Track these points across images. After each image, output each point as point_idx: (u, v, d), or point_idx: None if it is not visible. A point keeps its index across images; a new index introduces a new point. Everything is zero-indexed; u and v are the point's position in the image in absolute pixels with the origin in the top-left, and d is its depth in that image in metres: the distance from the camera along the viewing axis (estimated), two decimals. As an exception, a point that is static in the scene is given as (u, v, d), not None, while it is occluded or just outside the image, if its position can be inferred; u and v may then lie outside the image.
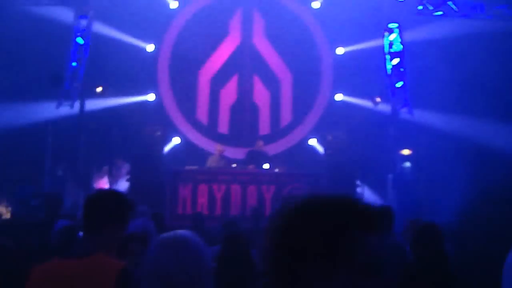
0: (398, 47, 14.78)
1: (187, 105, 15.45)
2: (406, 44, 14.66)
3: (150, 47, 15.18)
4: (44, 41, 12.95)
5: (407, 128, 14.37)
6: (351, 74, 14.64)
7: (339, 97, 15.31)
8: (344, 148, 13.78)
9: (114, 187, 12.58)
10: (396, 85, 14.76)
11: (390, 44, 14.86)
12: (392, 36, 14.84)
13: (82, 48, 14.20)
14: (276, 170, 13.17)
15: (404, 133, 14.46)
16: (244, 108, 15.53)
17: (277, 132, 15.44)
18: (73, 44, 14.11)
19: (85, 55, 14.24)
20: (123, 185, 12.82)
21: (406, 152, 14.41)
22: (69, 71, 14.00)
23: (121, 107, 14.46)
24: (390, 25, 14.84)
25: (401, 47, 14.75)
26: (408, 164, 14.31)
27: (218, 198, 12.16)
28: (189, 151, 14.82)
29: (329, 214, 1.31)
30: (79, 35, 14.13)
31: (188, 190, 12.17)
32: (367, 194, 13.51)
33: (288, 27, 15.29)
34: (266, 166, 12.95)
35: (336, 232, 1.28)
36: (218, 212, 11.98)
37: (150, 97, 15.16)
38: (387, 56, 14.89)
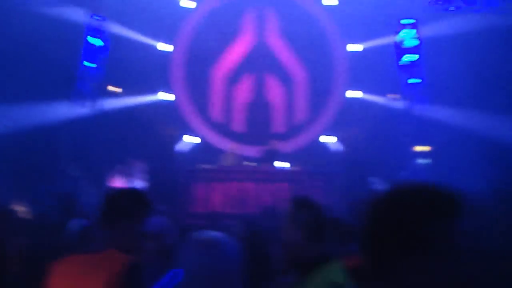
0: (413, 42, 14.67)
1: (202, 104, 15.47)
2: (421, 40, 14.55)
3: (164, 46, 15.21)
4: (57, 41, 12.99)
5: (423, 124, 14.25)
6: (366, 71, 14.56)
7: (353, 94, 15.23)
8: (360, 145, 13.70)
9: (128, 185, 12.59)
10: (411, 81, 14.66)
11: (405, 40, 14.75)
12: (407, 32, 14.73)
13: (96, 48, 14.24)
14: (291, 168, 13.12)
15: (419, 130, 14.34)
16: (259, 106, 15.52)
17: (292, 130, 15.40)
18: (86, 44, 14.15)
19: (101, 55, 14.28)
20: (137, 184, 12.84)
21: (421, 149, 14.28)
22: (82, 71, 14.05)
23: (135, 107, 14.51)
24: (405, 21, 14.73)
25: (417, 42, 14.65)
26: (424, 161, 14.19)
27: (233, 197, 12.14)
28: (203, 150, 14.82)
29: (417, 201, 1.42)
30: (91, 35, 14.16)
31: (203, 188, 12.17)
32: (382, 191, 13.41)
33: (301, 24, 15.24)
34: (281, 164, 12.90)
35: (424, 218, 1.38)
36: (233, 211, 11.95)
37: (165, 96, 15.18)
38: (402, 52, 14.78)
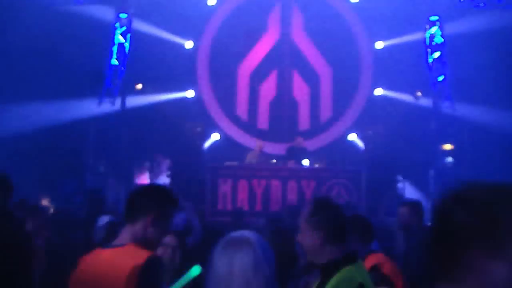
0: (439, 40, 14.56)
1: (227, 101, 15.49)
2: (447, 37, 14.43)
3: (189, 44, 15.28)
4: (85, 40, 13.15)
5: (449, 122, 14.14)
6: (392, 68, 14.48)
7: (379, 91, 15.15)
8: (385, 143, 13.64)
9: (155, 182, 12.69)
10: (437, 79, 14.55)
11: (431, 37, 14.65)
12: (433, 29, 14.62)
13: (123, 46, 14.39)
14: (316, 165, 13.11)
15: (446, 128, 14.23)
16: (284, 103, 15.50)
17: (317, 127, 15.36)
18: (113, 42, 14.29)
19: (126, 53, 14.42)
20: (163, 181, 12.93)
21: (448, 147, 14.18)
22: (110, 69, 14.21)
23: (161, 104, 14.61)
24: (431, 18, 14.62)
25: (442, 40, 14.53)
26: (450, 159, 14.09)
27: (258, 194, 12.14)
28: (229, 147, 14.86)
29: (490, 199, 1.41)
30: (119, 33, 14.31)
31: (228, 185, 12.19)
32: (408, 189, 13.34)
33: (327, 21, 15.17)
34: (306, 162, 12.90)
35: (498, 216, 1.37)
36: (258, 208, 11.97)
37: (190, 93, 15.26)
38: (428, 49, 14.68)
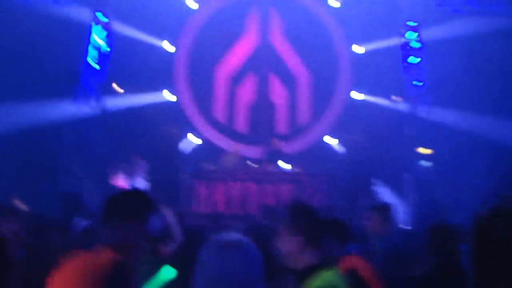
0: (416, 44, 14.67)
1: (205, 104, 15.45)
2: (424, 42, 14.54)
3: (168, 46, 15.21)
4: (62, 40, 13.03)
5: (426, 127, 14.24)
6: (369, 72, 14.56)
7: (356, 95, 15.22)
8: (362, 147, 13.71)
9: (131, 185, 12.60)
10: (414, 83, 14.65)
11: (409, 42, 14.75)
12: (411, 34, 14.73)
13: (101, 48, 14.26)
14: (294, 169, 13.13)
15: (423, 132, 14.34)
16: (262, 107, 15.50)
17: (295, 131, 15.39)
18: (89, 43, 14.15)
19: (105, 54, 14.29)
20: (139, 183, 12.85)
21: (425, 151, 14.28)
22: (85, 70, 14.06)
23: (138, 106, 14.52)
24: (409, 23, 14.72)
25: (420, 45, 14.65)
26: (427, 164, 14.18)
27: (235, 197, 12.14)
28: (207, 150, 14.82)
29: None
30: (95, 34, 14.17)
31: (205, 188, 12.18)
32: (384, 194, 13.40)
33: (305, 25, 15.20)
34: (284, 165, 12.91)
35: None
36: (235, 211, 11.97)
37: (168, 96, 15.19)
38: (408, 53, 14.77)
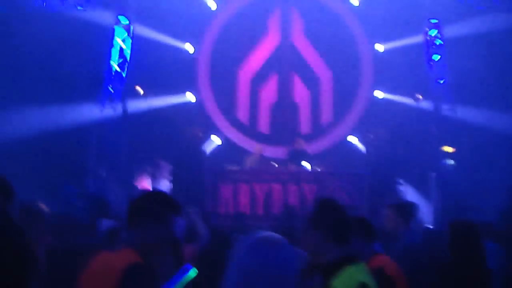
0: (439, 42, 14.54)
1: (228, 105, 15.51)
2: (447, 40, 14.41)
3: (190, 48, 15.28)
4: (85, 44, 13.17)
5: (450, 125, 14.12)
6: (392, 71, 14.47)
7: (379, 94, 15.14)
8: (386, 146, 13.62)
9: (156, 187, 12.68)
10: (438, 81, 14.54)
11: (432, 40, 14.62)
12: (433, 32, 14.61)
13: (124, 50, 14.37)
14: (318, 169, 13.10)
15: (446, 130, 14.21)
16: (285, 107, 15.51)
17: (318, 130, 15.36)
18: (111, 44, 14.26)
19: (128, 57, 14.39)
20: (165, 186, 12.93)
21: (448, 149, 14.15)
22: (109, 72, 14.18)
23: (162, 108, 14.61)
24: (431, 21, 14.60)
25: (442, 42, 14.51)
26: (451, 162, 14.06)
27: (259, 198, 12.16)
28: (230, 151, 14.86)
29: None
30: (118, 36, 14.29)
31: (229, 190, 12.21)
32: (409, 193, 13.31)
33: (327, 25, 15.17)
34: (307, 165, 12.89)
35: None
36: (260, 212, 12.00)
37: (191, 98, 15.27)
38: (429, 52, 14.65)
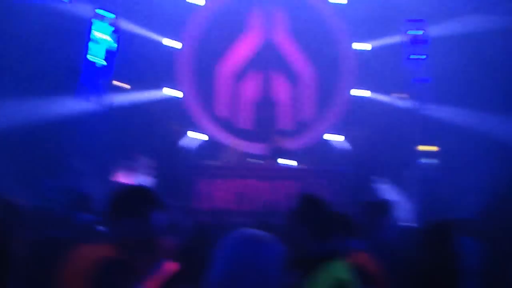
0: (421, 42, 14.60)
1: (208, 100, 15.46)
2: (429, 39, 14.47)
3: (171, 42, 15.19)
4: (63, 37, 13.01)
5: (430, 124, 14.18)
6: (374, 69, 14.52)
7: (360, 92, 15.16)
8: (366, 144, 13.67)
9: (134, 181, 12.59)
10: (418, 80, 14.59)
11: (413, 39, 14.68)
12: (415, 31, 14.66)
13: (103, 44, 14.22)
14: (296, 165, 13.09)
15: (427, 129, 14.28)
16: (265, 104, 15.50)
17: (298, 128, 15.37)
18: (89, 39, 14.11)
19: (106, 50, 14.26)
20: (144, 180, 12.84)
21: (429, 148, 14.22)
22: (85, 66, 14.04)
23: (141, 102, 14.51)
24: (412, 20, 14.65)
25: (424, 42, 14.57)
26: (431, 161, 14.13)
27: (238, 193, 12.12)
28: (208, 146, 14.82)
29: None
30: (96, 30, 14.14)
31: (206, 185, 12.16)
32: (389, 191, 13.36)
33: (309, 23, 15.22)
34: (286, 162, 12.88)
35: None
36: (238, 207, 11.95)
37: (170, 92, 15.18)
38: (410, 51, 14.71)
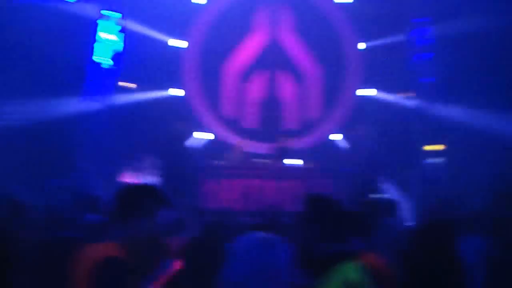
0: (427, 40, 14.58)
1: (214, 100, 15.46)
2: (435, 38, 14.45)
3: (176, 42, 15.21)
4: (70, 37, 13.05)
5: (436, 123, 14.17)
6: (380, 69, 14.50)
7: (366, 92, 15.16)
8: (371, 144, 13.64)
9: (140, 181, 12.62)
10: (424, 79, 14.58)
11: (419, 38, 14.66)
12: (421, 30, 14.64)
13: (108, 44, 14.27)
14: (302, 165, 13.10)
15: (432, 129, 14.27)
16: (271, 103, 15.50)
17: (304, 127, 15.37)
18: (95, 39, 14.17)
19: (112, 50, 14.30)
20: (148, 180, 12.86)
21: (434, 148, 14.21)
22: (91, 66, 14.10)
23: (147, 102, 14.54)
24: (418, 19, 14.63)
25: (431, 40, 14.55)
26: (436, 161, 14.12)
27: (244, 193, 12.12)
28: (215, 146, 14.82)
29: None
30: (102, 30, 14.20)
31: (213, 185, 12.17)
32: (393, 190, 13.35)
33: (315, 22, 15.21)
34: (292, 162, 12.89)
35: None
36: (244, 207, 11.94)
37: (176, 92, 15.20)
38: (416, 50, 14.69)
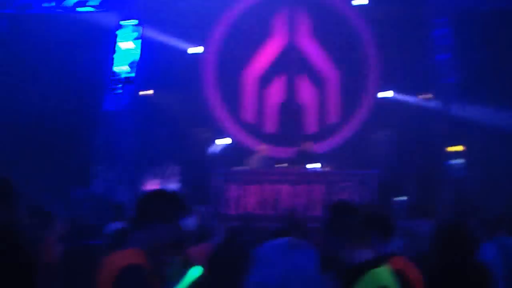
0: (447, 41, 14.47)
1: (234, 106, 15.48)
2: (456, 38, 14.33)
3: (196, 49, 15.26)
4: (91, 46, 13.18)
5: (459, 124, 14.04)
6: (399, 70, 14.42)
7: (387, 94, 15.06)
8: (394, 145, 13.57)
9: (163, 188, 12.65)
10: (446, 80, 14.47)
11: (440, 39, 14.56)
12: (441, 30, 14.54)
13: (129, 52, 14.38)
14: (324, 169, 13.04)
15: (455, 130, 14.13)
16: (291, 107, 15.47)
17: (325, 131, 15.31)
18: (115, 48, 14.28)
19: (132, 58, 14.41)
20: (171, 187, 12.90)
21: (458, 148, 14.08)
22: (112, 75, 14.20)
23: (170, 109, 14.60)
24: (439, 19, 14.54)
25: (450, 41, 14.44)
26: (459, 161, 13.98)
27: (267, 199, 12.09)
28: (236, 152, 14.81)
29: None
30: (122, 39, 14.31)
31: (236, 190, 12.15)
32: (415, 192, 13.23)
33: (333, 25, 15.19)
34: (315, 165, 12.83)
35: None
36: (268, 212, 11.91)
37: (197, 98, 15.23)
38: (436, 51, 14.59)
